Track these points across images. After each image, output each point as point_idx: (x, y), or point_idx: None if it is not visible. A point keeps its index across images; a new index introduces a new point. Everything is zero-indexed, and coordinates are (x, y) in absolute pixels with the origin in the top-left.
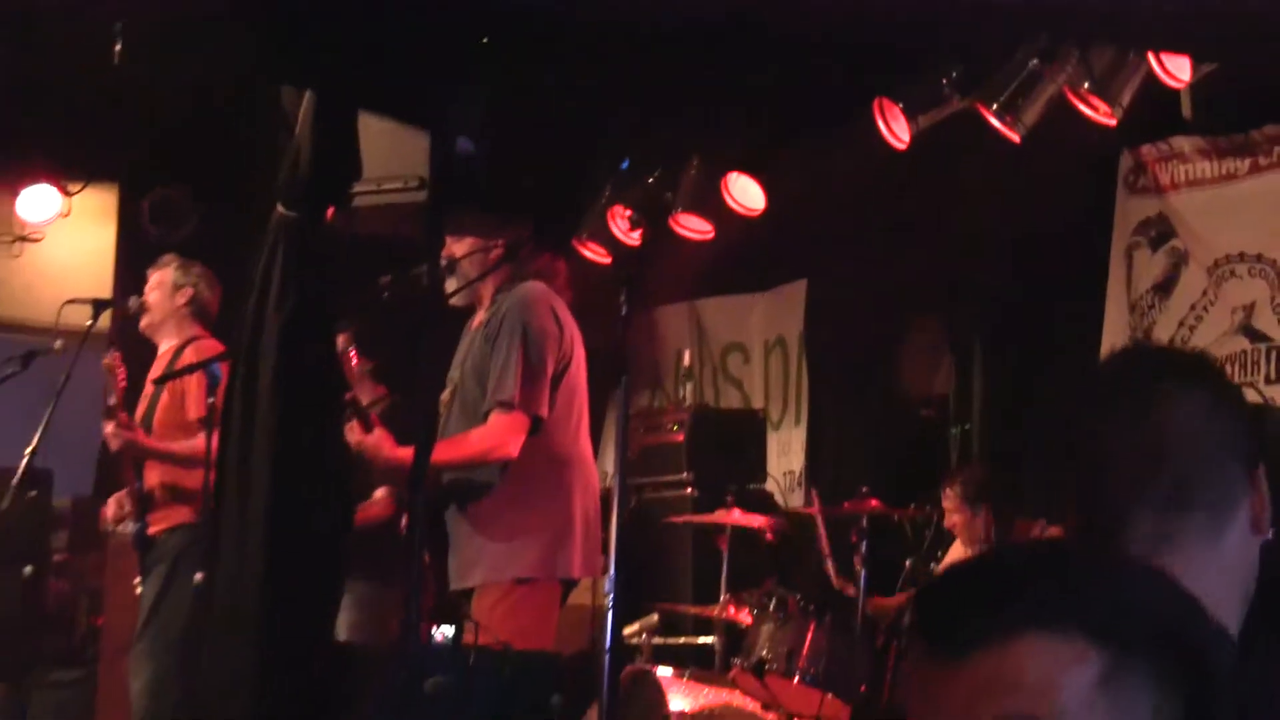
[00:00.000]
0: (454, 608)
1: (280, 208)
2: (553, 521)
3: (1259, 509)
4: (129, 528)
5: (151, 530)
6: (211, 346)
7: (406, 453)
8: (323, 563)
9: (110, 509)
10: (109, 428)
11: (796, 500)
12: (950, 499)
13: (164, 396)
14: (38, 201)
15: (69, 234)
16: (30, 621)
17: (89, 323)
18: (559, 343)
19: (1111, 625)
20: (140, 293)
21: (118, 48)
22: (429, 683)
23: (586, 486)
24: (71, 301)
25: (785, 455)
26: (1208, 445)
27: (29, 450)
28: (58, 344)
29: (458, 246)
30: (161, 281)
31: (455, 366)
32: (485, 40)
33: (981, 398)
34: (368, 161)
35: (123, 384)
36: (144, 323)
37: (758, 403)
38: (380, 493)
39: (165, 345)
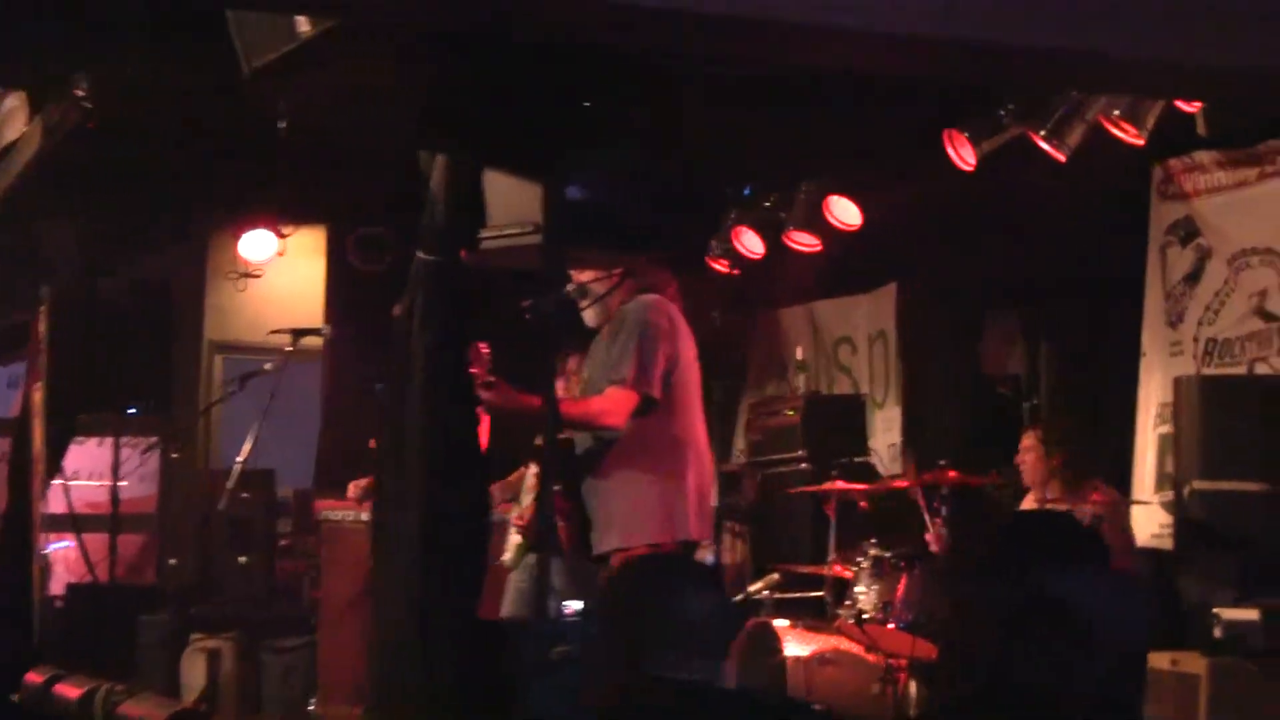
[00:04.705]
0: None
1: (420, 253)
2: (671, 493)
3: None
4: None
5: None
6: None
7: (529, 398)
8: (468, 540)
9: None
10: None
11: (898, 467)
12: (1030, 438)
13: None
14: (257, 243)
15: (284, 269)
16: (260, 597)
17: (288, 348)
18: (670, 339)
19: None
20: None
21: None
22: (555, 652)
23: (700, 463)
24: (275, 332)
25: (888, 430)
26: None
27: (239, 459)
28: (267, 365)
29: (583, 276)
30: None
31: (587, 368)
32: (587, 104)
33: (1048, 376)
34: (492, 210)
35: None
36: None
37: (864, 387)
38: None
39: None
